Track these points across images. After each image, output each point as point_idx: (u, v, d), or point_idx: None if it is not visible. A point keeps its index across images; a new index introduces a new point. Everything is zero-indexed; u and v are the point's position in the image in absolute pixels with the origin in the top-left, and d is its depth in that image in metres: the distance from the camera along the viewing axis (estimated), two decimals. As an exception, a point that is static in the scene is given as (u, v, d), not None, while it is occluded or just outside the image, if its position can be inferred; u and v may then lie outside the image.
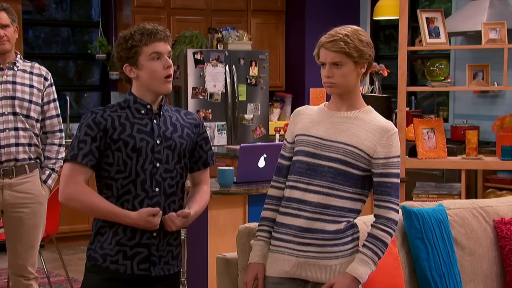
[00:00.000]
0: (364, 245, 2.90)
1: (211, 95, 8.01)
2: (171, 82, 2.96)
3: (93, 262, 2.96)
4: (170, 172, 2.98)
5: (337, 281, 2.85)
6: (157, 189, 2.95)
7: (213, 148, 7.92)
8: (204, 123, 8.31)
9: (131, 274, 2.95)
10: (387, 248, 2.92)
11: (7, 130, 4.23)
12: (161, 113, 3.00)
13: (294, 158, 2.99)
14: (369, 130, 2.92)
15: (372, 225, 2.92)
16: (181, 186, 3.05)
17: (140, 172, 2.92)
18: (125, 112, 2.95)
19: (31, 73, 4.35)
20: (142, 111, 2.96)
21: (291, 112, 8.33)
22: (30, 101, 4.29)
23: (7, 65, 4.30)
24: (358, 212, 2.96)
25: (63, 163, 2.95)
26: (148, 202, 2.93)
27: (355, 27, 2.96)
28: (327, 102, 3.05)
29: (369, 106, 3.01)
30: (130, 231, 2.93)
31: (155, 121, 2.97)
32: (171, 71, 2.95)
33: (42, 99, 4.36)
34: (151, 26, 2.94)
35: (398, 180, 2.92)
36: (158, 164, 2.95)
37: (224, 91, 8.06)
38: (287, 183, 2.99)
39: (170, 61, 2.95)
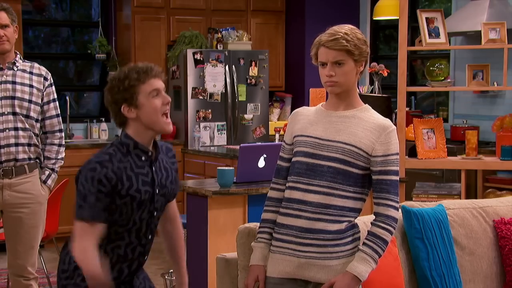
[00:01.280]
0: (364, 243, 2.90)
1: (211, 95, 8.02)
2: (170, 122, 2.87)
3: None
4: (159, 218, 2.97)
5: (338, 280, 2.85)
6: (150, 236, 2.92)
7: (212, 148, 7.98)
8: (204, 123, 8.37)
9: None
10: (387, 246, 2.92)
11: (7, 130, 4.22)
12: (157, 158, 2.92)
13: (294, 159, 2.99)
14: (367, 128, 2.92)
15: (372, 223, 2.92)
16: None
17: (137, 221, 2.86)
18: (128, 161, 2.83)
19: (31, 73, 4.35)
20: (143, 158, 2.86)
21: (291, 112, 8.33)
22: (30, 101, 4.29)
23: (6, 65, 4.30)
24: (358, 211, 2.96)
25: (80, 218, 2.76)
26: (140, 250, 2.91)
27: (350, 25, 2.97)
28: (324, 102, 3.05)
29: (367, 104, 3.01)
30: (117, 271, 2.88)
31: (154, 168, 2.89)
32: (169, 108, 2.86)
33: (42, 99, 4.36)
34: (143, 64, 2.85)
35: (397, 178, 2.92)
36: (155, 213, 2.91)
37: (224, 91, 8.07)
38: (287, 184, 2.99)
39: (168, 97, 2.86)
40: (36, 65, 4.42)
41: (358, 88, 5.88)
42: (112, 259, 2.86)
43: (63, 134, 4.48)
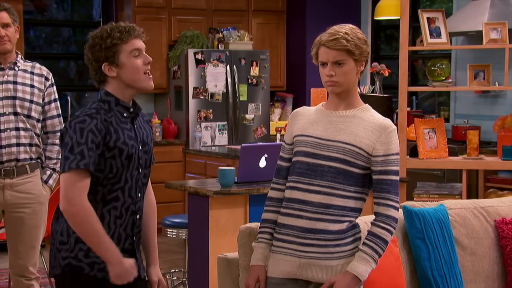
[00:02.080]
0: (364, 243, 2.90)
1: (212, 95, 8.02)
2: (152, 78, 2.92)
3: (77, 271, 2.85)
4: (146, 176, 2.98)
5: (338, 280, 2.85)
6: (139, 195, 2.93)
7: (214, 148, 7.98)
8: (205, 123, 8.36)
9: None
10: (388, 246, 2.92)
11: (8, 130, 4.22)
12: (138, 115, 2.96)
13: (294, 159, 2.99)
14: (367, 128, 2.91)
15: (371, 223, 2.92)
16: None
17: (128, 178, 2.88)
18: (112, 116, 2.86)
19: (32, 73, 4.35)
20: (125, 114, 2.90)
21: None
22: (31, 101, 4.29)
23: (8, 65, 4.30)
24: (359, 211, 2.96)
25: (67, 169, 2.76)
26: (133, 208, 2.92)
27: (351, 25, 2.96)
28: (325, 102, 3.05)
29: (367, 104, 3.01)
30: (117, 238, 2.88)
31: (135, 125, 2.93)
32: (150, 67, 2.91)
33: (43, 99, 4.36)
34: (125, 24, 2.88)
35: (397, 178, 2.92)
36: (140, 170, 2.93)
37: (225, 91, 8.07)
38: (288, 184, 2.98)
39: (149, 57, 2.91)
40: (37, 65, 4.42)
41: (359, 88, 5.88)
42: (110, 222, 2.86)
43: (64, 134, 4.47)
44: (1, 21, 4.24)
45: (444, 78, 5.79)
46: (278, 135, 7.38)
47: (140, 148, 2.92)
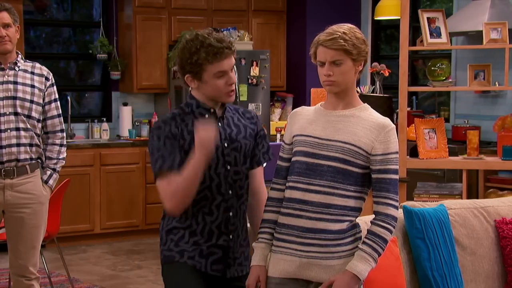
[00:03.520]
0: (363, 242, 2.90)
1: (212, 95, 8.01)
2: (234, 94, 2.99)
3: (170, 260, 2.99)
4: (238, 174, 3.03)
5: (337, 279, 2.85)
6: (230, 192, 2.99)
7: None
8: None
9: (205, 272, 2.99)
10: (387, 245, 2.92)
11: (9, 130, 4.23)
12: (224, 115, 3.02)
13: (293, 159, 2.99)
14: (366, 127, 2.92)
15: (371, 222, 2.92)
16: (247, 187, 3.10)
17: (214, 176, 2.96)
18: (191, 118, 2.96)
19: (32, 73, 4.35)
20: (206, 115, 2.98)
21: (292, 112, 8.31)
22: (32, 101, 4.29)
23: (8, 65, 4.31)
24: (359, 211, 2.96)
25: (158, 175, 2.89)
26: (225, 205, 2.98)
27: (350, 25, 2.96)
28: (323, 102, 3.05)
29: (365, 103, 3.01)
30: (207, 233, 2.97)
31: (219, 124, 3.00)
32: (234, 86, 2.97)
33: (44, 99, 4.36)
34: (216, 42, 2.89)
35: (396, 177, 2.92)
36: (228, 167, 2.98)
37: (225, 91, 8.06)
38: (287, 184, 2.99)
39: (233, 78, 2.96)
40: (37, 65, 4.42)
41: (360, 88, 5.88)
42: (198, 218, 2.95)
43: (64, 134, 4.48)
44: (1, 21, 4.25)
45: (444, 78, 5.78)
46: (278, 135, 7.38)
47: (226, 145, 2.98)
